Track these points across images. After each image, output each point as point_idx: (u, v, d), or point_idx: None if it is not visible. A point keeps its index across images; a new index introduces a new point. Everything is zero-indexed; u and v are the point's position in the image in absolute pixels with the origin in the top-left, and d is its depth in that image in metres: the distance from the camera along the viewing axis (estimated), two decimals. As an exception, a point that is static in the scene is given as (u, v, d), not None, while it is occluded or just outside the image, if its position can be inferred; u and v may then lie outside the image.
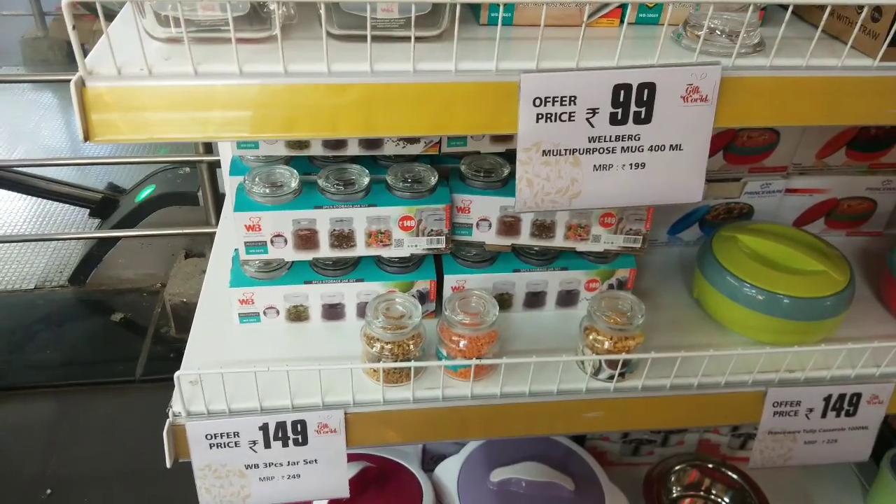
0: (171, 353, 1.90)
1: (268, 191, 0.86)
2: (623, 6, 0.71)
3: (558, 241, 0.92)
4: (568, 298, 0.97)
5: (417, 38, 0.61)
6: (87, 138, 0.57)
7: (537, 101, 0.61)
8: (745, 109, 0.65)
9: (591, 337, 0.85)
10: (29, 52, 3.62)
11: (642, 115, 0.63)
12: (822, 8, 0.68)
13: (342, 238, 0.88)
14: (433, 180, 0.89)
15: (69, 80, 0.56)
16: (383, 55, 0.62)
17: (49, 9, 3.58)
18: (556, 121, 0.62)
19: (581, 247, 0.92)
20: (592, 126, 0.63)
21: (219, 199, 1.86)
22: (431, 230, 0.89)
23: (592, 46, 0.65)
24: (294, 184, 0.87)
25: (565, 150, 0.63)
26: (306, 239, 0.88)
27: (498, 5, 0.68)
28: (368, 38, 0.60)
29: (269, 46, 0.62)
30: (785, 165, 1.09)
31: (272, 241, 0.87)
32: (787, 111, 0.65)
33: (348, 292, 0.93)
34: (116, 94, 0.57)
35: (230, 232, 0.95)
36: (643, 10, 0.71)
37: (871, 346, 0.88)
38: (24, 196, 2.39)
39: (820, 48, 0.66)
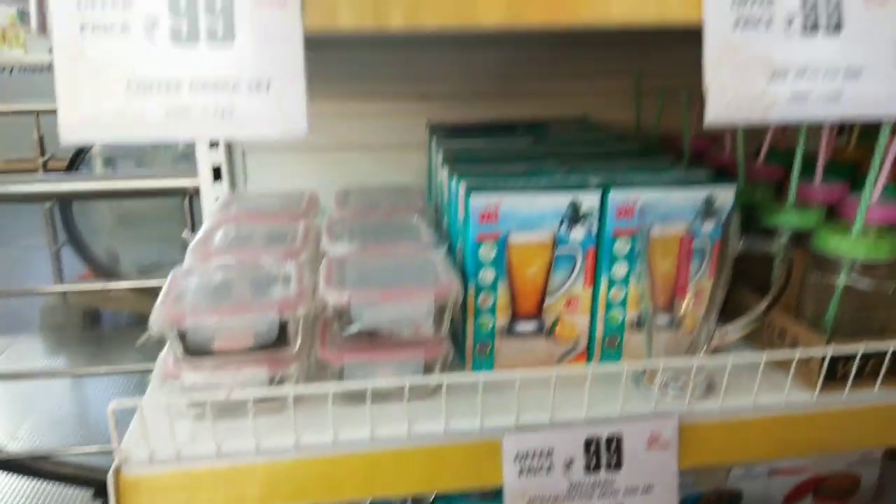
0: None
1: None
2: (588, 349, 0.82)
3: (555, 550, 0.95)
4: None
5: (410, 398, 0.70)
6: (119, 524, 0.64)
7: (518, 458, 0.69)
8: (702, 452, 0.72)
9: None
10: (47, 319, 3.83)
11: (613, 463, 0.71)
12: (764, 339, 0.79)
13: (347, 561, 0.92)
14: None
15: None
16: (381, 411, 0.71)
17: (69, 277, 3.82)
18: (536, 474, 0.70)
19: (577, 554, 0.96)
20: (570, 475, 0.70)
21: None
22: (432, 545, 0.93)
23: (564, 386, 0.73)
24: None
25: (548, 498, 0.70)
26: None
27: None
28: (368, 412, 0.69)
29: (282, 417, 0.71)
30: (764, 448, 1.16)
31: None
32: (739, 450, 0.73)
33: None
34: (149, 480, 0.65)
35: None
36: (606, 355, 0.82)
37: None
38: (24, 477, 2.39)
39: (764, 378, 0.74)
